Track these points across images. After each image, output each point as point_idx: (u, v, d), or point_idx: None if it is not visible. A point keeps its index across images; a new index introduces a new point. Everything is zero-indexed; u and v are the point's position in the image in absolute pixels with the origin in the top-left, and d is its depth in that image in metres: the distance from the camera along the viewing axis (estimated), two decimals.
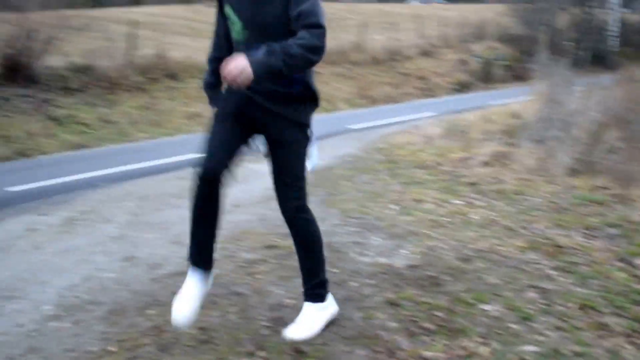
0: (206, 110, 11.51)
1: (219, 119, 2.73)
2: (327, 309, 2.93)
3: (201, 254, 2.85)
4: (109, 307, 3.30)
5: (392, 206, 5.09)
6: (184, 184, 6.63)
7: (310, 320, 2.85)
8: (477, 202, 5.10)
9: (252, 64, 2.30)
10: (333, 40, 19.38)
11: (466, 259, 3.69)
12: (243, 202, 5.60)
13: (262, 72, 2.32)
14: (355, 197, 5.52)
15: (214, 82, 2.88)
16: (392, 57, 20.48)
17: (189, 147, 9.64)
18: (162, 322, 3.08)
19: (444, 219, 4.61)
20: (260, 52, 2.35)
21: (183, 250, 4.25)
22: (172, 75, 14.42)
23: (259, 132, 2.76)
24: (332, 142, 9.46)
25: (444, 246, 3.95)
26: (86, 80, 13.05)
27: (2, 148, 10.26)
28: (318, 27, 2.41)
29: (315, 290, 2.92)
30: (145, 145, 10.67)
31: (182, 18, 25.80)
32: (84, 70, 13.30)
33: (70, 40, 13.25)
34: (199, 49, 16.27)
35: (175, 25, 22.56)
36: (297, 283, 3.44)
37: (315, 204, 5.33)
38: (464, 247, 3.93)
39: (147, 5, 29.78)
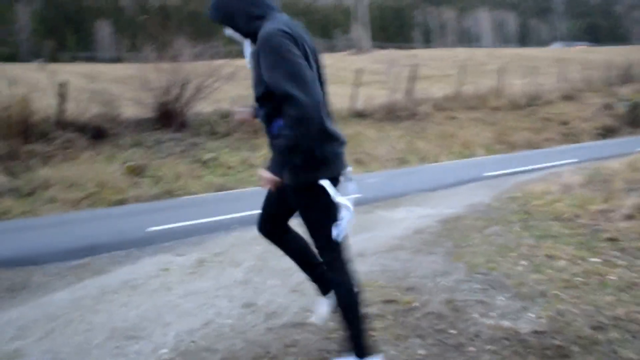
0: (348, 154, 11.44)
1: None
2: None
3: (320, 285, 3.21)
4: (221, 356, 3.31)
5: (523, 262, 4.72)
6: None
7: None
8: (617, 261, 4.58)
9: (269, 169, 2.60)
10: (471, 85, 19.10)
11: (600, 328, 3.28)
12: (368, 251, 5.48)
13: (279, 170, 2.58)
14: (484, 250, 5.20)
15: None
16: (532, 102, 19.62)
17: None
18: None
19: (578, 279, 4.18)
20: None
21: (301, 299, 4.24)
22: None
23: None
24: (465, 190, 9.13)
25: (575, 311, 3.56)
26: (231, 126, 13.72)
27: (152, 187, 11.01)
28: (286, 98, 2.37)
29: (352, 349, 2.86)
30: None
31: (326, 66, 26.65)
32: (230, 115, 14.03)
33: (219, 88, 14.05)
34: (338, 95, 16.66)
35: None
36: (413, 344, 3.26)
37: (440, 255, 5.13)
38: (598, 313, 3.50)
39: None
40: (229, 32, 2.67)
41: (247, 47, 2.67)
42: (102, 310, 4.37)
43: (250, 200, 9.28)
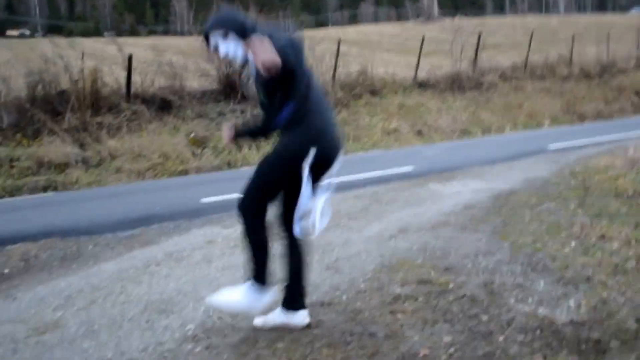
0: (404, 127, 11.28)
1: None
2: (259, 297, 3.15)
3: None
4: (244, 335, 3.18)
5: (572, 243, 4.36)
6: (360, 204, 6.49)
7: (231, 295, 3.17)
8: None
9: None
10: (541, 54, 18.11)
11: None
12: (411, 227, 5.23)
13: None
14: (533, 228, 4.85)
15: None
16: (605, 71, 18.40)
17: (379, 163, 9.52)
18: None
19: (630, 263, 3.79)
20: None
21: (334, 277, 4.07)
22: (374, 92, 14.42)
23: None
24: (526, 163, 8.62)
25: (621, 300, 3.21)
26: None
27: (214, 159, 11.02)
28: None
29: (250, 277, 3.15)
30: (343, 160, 10.73)
31: (391, 35, 26.01)
32: None
33: None
34: (403, 65, 16.18)
35: (384, 42, 22.72)
36: (440, 330, 3.05)
37: (486, 233, 4.83)
38: None
39: (362, 24, 30.42)
40: (225, 48, 2.97)
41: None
42: (143, 282, 4.33)
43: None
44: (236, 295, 3.10)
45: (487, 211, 5.60)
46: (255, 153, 11.44)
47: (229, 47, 2.91)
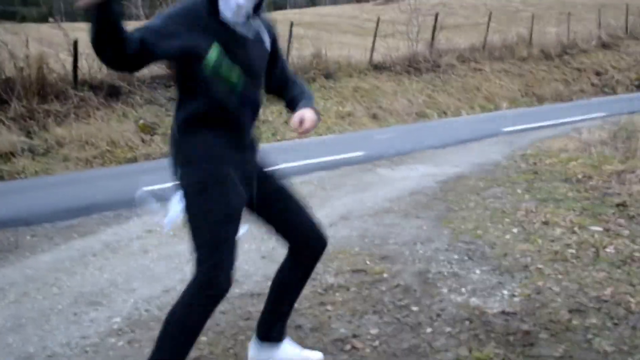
0: (359, 111, 11.11)
1: (234, 218, 2.24)
2: None
3: None
4: None
5: (514, 229, 4.33)
6: (305, 190, 6.38)
7: None
8: (621, 231, 4.15)
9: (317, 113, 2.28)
10: (498, 34, 18.21)
11: (579, 311, 2.90)
12: (353, 214, 5.15)
13: None
14: (477, 215, 4.82)
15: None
16: (565, 51, 18.60)
17: (334, 148, 9.43)
18: (206, 354, 2.76)
19: (571, 250, 3.78)
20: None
21: (267, 266, 3.96)
22: (328, 75, 14.29)
23: None
24: (479, 146, 8.65)
25: (556, 289, 3.18)
26: None
27: (163, 145, 10.78)
28: None
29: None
30: (290, 145, 10.60)
31: (350, 17, 25.87)
32: None
33: None
34: (360, 47, 16.06)
35: (342, 24, 22.58)
36: (368, 321, 2.96)
37: (428, 220, 4.77)
38: (581, 292, 3.12)
39: (321, 6, 30.25)
40: None
41: None
42: (78, 273, 4.23)
43: None
44: None
45: (433, 197, 5.56)
46: None
47: None
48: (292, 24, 14.05)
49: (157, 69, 13.01)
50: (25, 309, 3.59)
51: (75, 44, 11.66)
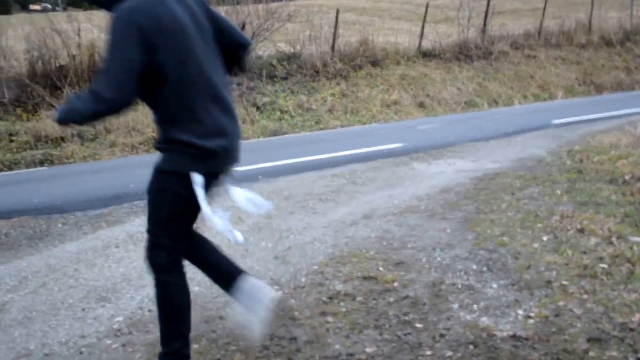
0: (405, 99, 10.82)
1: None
2: None
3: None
4: None
5: (545, 237, 3.98)
6: (334, 184, 6.15)
7: None
8: None
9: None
10: (555, 20, 17.32)
11: (599, 340, 2.56)
12: (377, 212, 4.89)
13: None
14: (507, 218, 4.48)
15: None
16: (627, 38, 17.53)
17: (374, 138, 9.14)
18: None
19: (602, 265, 3.41)
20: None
21: (278, 268, 3.78)
22: (375, 62, 13.93)
23: None
24: (524, 140, 8.19)
25: (578, 311, 2.84)
26: (291, 69, 13.16)
27: None
28: (90, 91, 2.16)
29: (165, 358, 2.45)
30: (332, 134, 10.37)
31: (403, 2, 25.24)
32: (289, 58, 13.44)
33: (278, 30, 13.44)
34: (412, 34, 15.60)
35: (394, 9, 22.04)
36: (367, 337, 2.74)
37: (454, 222, 4.47)
38: (606, 316, 2.78)
39: None
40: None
41: None
42: (97, 265, 4.21)
43: (292, 149, 8.82)
44: None
45: (464, 196, 5.23)
46: (250, 126, 11.14)
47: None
48: (338, 11, 13.74)
49: None
50: (39, 301, 3.60)
51: None
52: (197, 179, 2.26)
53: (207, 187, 2.32)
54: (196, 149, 2.26)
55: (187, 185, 2.26)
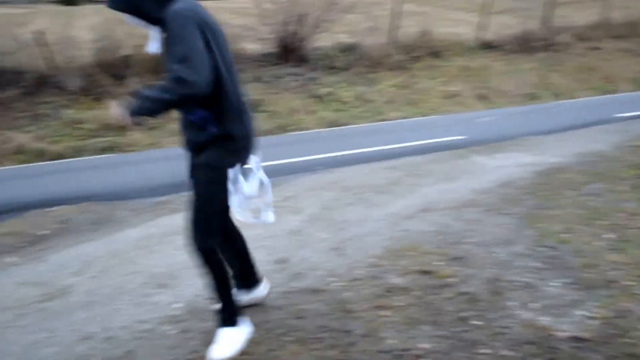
0: (465, 91, 10.65)
1: None
2: (239, 333, 2.72)
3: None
4: None
5: (608, 235, 3.82)
6: (393, 176, 6.08)
7: (224, 342, 2.68)
8: None
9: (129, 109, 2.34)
10: (621, 11, 16.55)
11: None
12: (433, 206, 4.81)
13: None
14: (568, 214, 4.32)
15: None
16: None
17: (433, 130, 9.00)
18: (248, 352, 2.62)
19: None
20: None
21: (334, 260, 3.76)
22: (435, 53, 13.69)
23: None
24: (587, 133, 7.88)
25: None
26: (350, 60, 13.09)
27: (266, 122, 10.83)
28: (175, 79, 2.23)
29: (222, 315, 2.71)
30: (391, 126, 10.27)
31: None
32: (349, 49, 13.37)
33: (338, 21, 13.36)
34: (472, 25, 15.23)
35: (455, 0, 21.55)
36: (422, 333, 2.69)
37: (513, 218, 4.35)
38: None
39: None
40: (132, 21, 2.40)
41: (156, 34, 2.42)
42: (158, 251, 4.27)
43: (351, 140, 8.78)
44: (224, 344, 2.69)
45: (524, 190, 5.08)
46: (309, 117, 11.16)
47: (135, 21, 2.48)
48: (398, 2, 13.55)
49: (266, 47, 13.07)
50: (101, 285, 3.67)
51: None
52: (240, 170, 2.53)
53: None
54: (247, 141, 2.54)
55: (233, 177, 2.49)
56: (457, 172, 6.06)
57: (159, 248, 4.32)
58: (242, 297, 3.00)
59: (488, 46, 14.11)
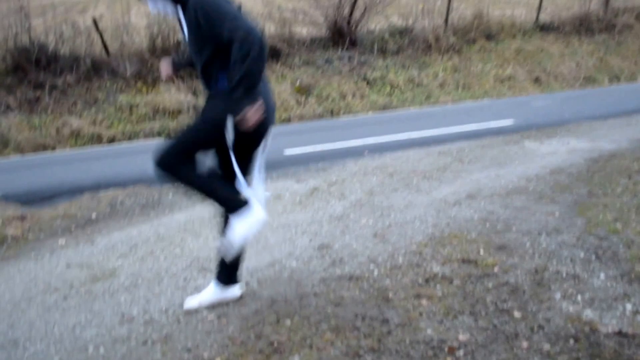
0: (520, 74, 10.44)
1: None
2: (251, 215, 2.71)
3: None
4: (256, 307, 2.95)
5: None
6: (441, 162, 5.94)
7: (238, 228, 2.70)
8: None
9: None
10: None
11: None
12: (482, 192, 4.67)
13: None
14: (621, 203, 4.10)
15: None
16: None
17: (486, 114, 8.75)
18: (283, 340, 2.58)
19: None
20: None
21: (376, 247, 3.69)
22: (490, 36, 13.28)
23: None
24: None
25: None
26: (402, 43, 12.85)
27: (317, 107, 10.79)
28: (243, 36, 2.41)
29: (229, 211, 2.75)
30: (441, 110, 10.05)
31: None
32: (401, 32, 13.12)
33: (391, 4, 13.12)
34: (528, 6, 14.69)
35: None
36: (461, 324, 2.60)
37: (563, 206, 4.17)
38: None
39: None
40: (154, 5, 2.62)
41: (180, 15, 2.60)
42: (202, 235, 4.30)
43: (401, 124, 8.64)
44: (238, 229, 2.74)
45: (576, 177, 4.86)
46: (359, 101, 11.04)
47: (158, 5, 2.66)
48: None
49: (318, 30, 12.97)
50: (146, 268, 3.70)
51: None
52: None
53: None
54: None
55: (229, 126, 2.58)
56: (507, 158, 5.86)
57: (204, 232, 4.34)
58: (216, 290, 3.02)
59: (544, 28, 13.57)
